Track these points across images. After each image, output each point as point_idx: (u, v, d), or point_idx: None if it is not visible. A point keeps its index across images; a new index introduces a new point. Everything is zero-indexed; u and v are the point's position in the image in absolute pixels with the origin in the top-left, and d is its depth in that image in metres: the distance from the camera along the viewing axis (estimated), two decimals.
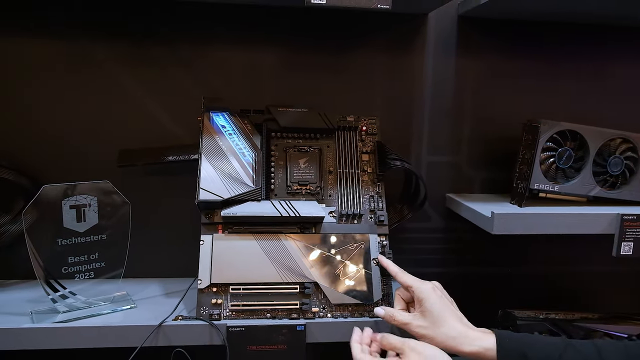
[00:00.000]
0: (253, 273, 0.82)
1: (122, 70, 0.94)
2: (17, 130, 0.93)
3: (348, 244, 0.86)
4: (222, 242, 0.83)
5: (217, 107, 0.90)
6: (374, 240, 0.87)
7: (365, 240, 0.86)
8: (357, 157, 0.93)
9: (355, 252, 0.85)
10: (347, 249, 0.85)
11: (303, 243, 0.85)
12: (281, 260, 0.83)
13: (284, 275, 0.83)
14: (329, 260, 0.84)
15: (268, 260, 0.83)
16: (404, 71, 1.00)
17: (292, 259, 0.84)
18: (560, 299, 1.11)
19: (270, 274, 0.82)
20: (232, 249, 0.83)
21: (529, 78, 1.03)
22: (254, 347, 0.79)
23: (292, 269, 0.83)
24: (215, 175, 0.84)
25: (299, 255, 0.84)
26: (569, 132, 0.91)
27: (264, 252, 0.83)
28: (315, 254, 0.84)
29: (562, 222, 0.86)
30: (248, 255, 0.83)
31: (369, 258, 0.85)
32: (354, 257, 0.85)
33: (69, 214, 0.81)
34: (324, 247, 0.85)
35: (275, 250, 0.84)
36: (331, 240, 0.86)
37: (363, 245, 0.86)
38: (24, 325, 0.77)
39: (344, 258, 0.85)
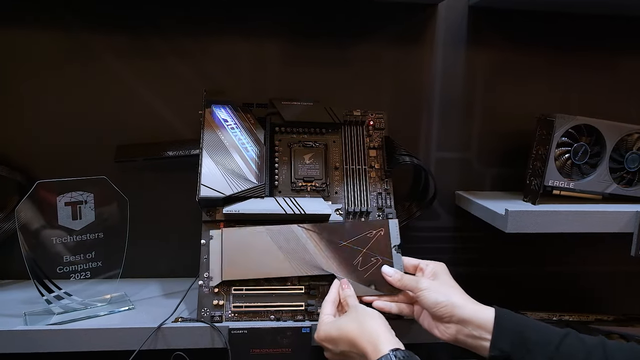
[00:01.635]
0: (266, 267, 0.78)
1: (121, 62, 0.91)
2: (10, 124, 0.90)
3: (366, 231, 0.81)
4: (232, 236, 0.79)
5: (219, 101, 0.86)
6: (394, 226, 0.81)
7: (385, 226, 0.81)
8: (364, 152, 0.89)
9: (374, 240, 0.80)
10: (366, 237, 0.80)
11: (316, 233, 0.80)
12: (295, 253, 0.78)
13: (299, 268, 0.78)
14: (346, 250, 0.79)
15: (281, 254, 0.78)
16: (413, 64, 0.97)
17: (306, 250, 0.78)
18: (574, 300, 1.07)
19: (284, 268, 0.78)
20: (242, 243, 0.78)
21: (542, 71, 1.00)
22: (257, 350, 0.75)
23: (306, 261, 0.78)
24: (216, 171, 0.80)
25: (312, 246, 0.79)
26: (585, 127, 0.88)
27: (277, 246, 0.79)
28: (330, 244, 0.79)
29: (579, 220, 0.82)
30: (260, 248, 0.78)
31: (389, 245, 0.80)
32: (372, 246, 0.80)
33: (64, 211, 0.78)
34: (338, 236, 0.80)
35: (287, 242, 0.79)
36: (347, 229, 0.81)
37: (382, 232, 0.81)
38: (17, 328, 0.73)
39: (362, 247, 0.80)
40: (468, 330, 0.68)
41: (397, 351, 0.62)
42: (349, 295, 0.75)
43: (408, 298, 0.76)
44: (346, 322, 0.69)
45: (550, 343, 0.65)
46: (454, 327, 0.69)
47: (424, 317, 0.74)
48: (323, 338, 0.70)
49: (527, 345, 0.65)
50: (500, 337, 0.66)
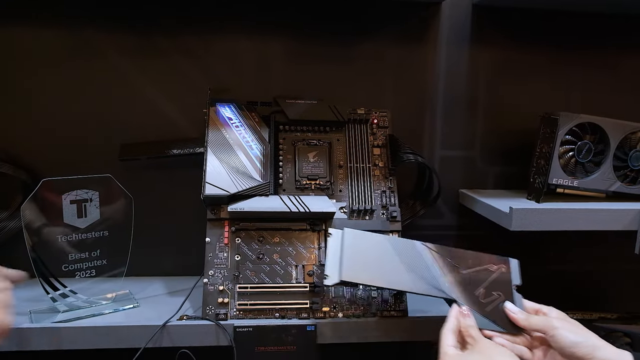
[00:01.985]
0: (387, 277, 0.73)
1: (125, 60, 0.91)
2: (15, 122, 0.90)
3: (487, 264, 0.77)
4: (354, 238, 0.75)
5: (224, 99, 0.86)
6: (515, 265, 0.78)
7: (506, 263, 0.77)
8: (368, 150, 0.89)
9: (495, 275, 0.76)
10: (487, 270, 0.76)
11: (439, 255, 0.76)
12: (417, 269, 0.74)
13: (419, 285, 0.73)
14: (468, 279, 0.75)
15: (403, 266, 0.74)
16: (416, 62, 0.97)
17: (428, 269, 0.74)
18: (578, 298, 1.07)
19: (404, 281, 0.73)
20: (364, 246, 0.74)
21: (545, 69, 1.00)
22: (262, 347, 0.76)
23: (427, 280, 0.73)
24: (221, 169, 0.81)
25: (435, 267, 0.75)
26: (589, 125, 0.88)
27: (398, 257, 0.74)
28: (452, 269, 0.75)
29: (583, 218, 0.82)
30: (381, 256, 0.74)
31: (511, 283, 0.76)
32: (494, 280, 0.76)
33: (69, 209, 0.78)
34: (461, 262, 0.76)
35: (409, 257, 0.75)
36: (469, 257, 0.77)
37: (504, 268, 0.77)
38: (22, 325, 0.74)
39: (484, 279, 0.76)
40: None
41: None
42: (471, 326, 0.69)
43: (528, 342, 0.71)
44: (476, 357, 0.64)
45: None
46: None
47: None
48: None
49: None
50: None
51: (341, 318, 0.79)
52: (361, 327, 0.78)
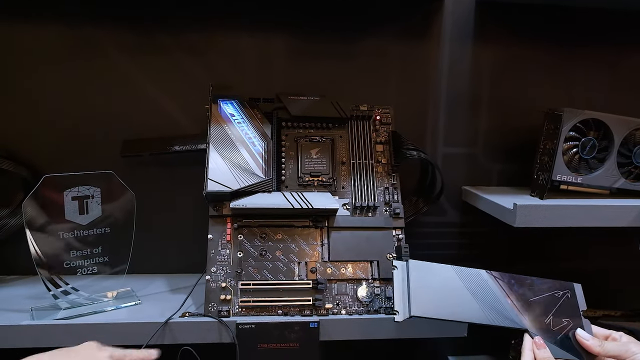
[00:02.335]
0: (456, 310, 0.72)
1: (127, 57, 0.90)
2: (17, 118, 0.90)
3: (553, 290, 0.76)
4: (420, 271, 0.74)
5: (226, 95, 0.86)
6: (580, 290, 0.77)
7: (571, 289, 0.77)
8: (371, 147, 0.89)
9: (562, 301, 0.76)
10: (554, 297, 0.76)
11: (505, 283, 0.75)
12: (486, 300, 0.73)
13: (491, 317, 0.72)
14: (536, 307, 0.74)
15: (471, 297, 0.73)
16: (419, 58, 0.97)
17: (497, 299, 0.73)
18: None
19: (474, 313, 0.72)
20: (430, 278, 0.73)
21: (548, 66, 0.99)
22: (265, 344, 0.75)
23: (498, 310, 0.73)
24: (223, 166, 0.80)
25: (502, 296, 0.74)
26: (593, 121, 0.88)
27: (466, 287, 0.74)
28: (520, 298, 0.74)
29: (587, 215, 0.82)
30: (449, 288, 0.73)
31: (578, 309, 0.76)
32: (561, 307, 0.75)
33: (71, 205, 0.77)
34: (527, 290, 0.76)
35: (477, 287, 0.74)
36: (535, 285, 0.76)
37: (569, 295, 0.76)
38: (23, 322, 0.73)
39: (550, 306, 0.75)
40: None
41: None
42: (548, 357, 0.69)
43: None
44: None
45: None
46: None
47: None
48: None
49: None
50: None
51: (344, 315, 0.79)
52: (364, 324, 0.78)
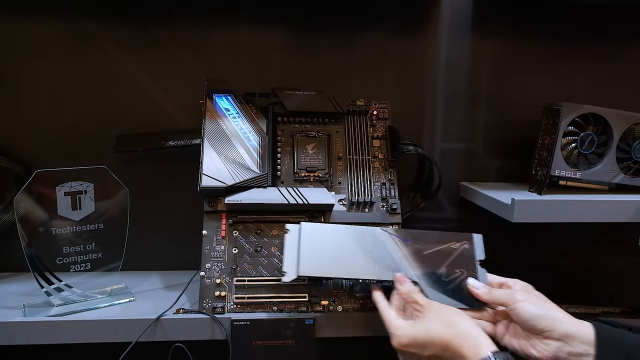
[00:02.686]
0: (345, 267, 0.72)
1: (121, 51, 0.89)
2: (9, 114, 0.89)
3: (449, 242, 0.76)
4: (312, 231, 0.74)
5: (221, 90, 0.85)
6: (479, 240, 0.77)
7: (469, 239, 0.77)
8: (368, 142, 0.88)
9: (458, 253, 0.76)
10: (450, 248, 0.76)
11: (400, 239, 0.75)
12: (377, 256, 0.73)
13: (382, 272, 0.72)
14: (429, 259, 0.74)
15: (362, 254, 0.73)
16: (417, 53, 0.96)
17: (389, 254, 0.73)
18: (580, 291, 1.05)
19: (365, 270, 0.72)
20: (322, 239, 0.73)
21: (547, 60, 0.99)
22: (259, 341, 0.74)
23: (390, 266, 0.73)
24: (218, 161, 0.79)
25: (396, 251, 0.74)
26: (592, 116, 0.87)
27: (358, 245, 0.73)
28: (414, 252, 0.74)
29: (586, 210, 0.81)
30: (340, 247, 0.73)
31: (474, 259, 0.76)
32: (456, 258, 0.75)
33: (63, 201, 0.76)
34: (423, 243, 0.75)
35: (369, 244, 0.74)
36: (431, 237, 0.76)
37: (467, 245, 0.76)
38: (15, 319, 0.72)
39: (445, 258, 0.75)
40: (571, 346, 0.62)
41: (497, 353, 0.59)
42: (412, 291, 0.69)
43: (491, 316, 0.71)
44: (433, 324, 0.64)
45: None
46: (555, 344, 0.63)
47: (511, 337, 0.67)
48: (407, 344, 0.64)
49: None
50: (605, 353, 0.61)
51: (340, 312, 0.78)
52: (361, 320, 0.77)
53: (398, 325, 0.66)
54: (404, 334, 0.64)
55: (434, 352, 0.63)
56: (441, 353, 0.62)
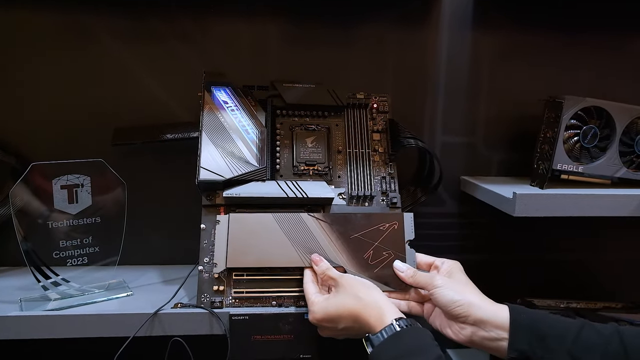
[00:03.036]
0: (272, 256, 0.75)
1: (118, 43, 0.88)
2: (5, 107, 0.88)
3: (378, 224, 0.78)
4: (239, 222, 0.75)
5: (219, 82, 0.84)
6: (409, 220, 0.78)
7: (399, 220, 0.78)
8: (368, 136, 0.87)
9: (387, 234, 0.77)
10: (378, 230, 0.77)
11: (327, 223, 0.77)
12: (303, 242, 0.75)
13: (307, 259, 0.75)
14: (357, 243, 0.76)
15: (289, 242, 0.75)
16: (417, 46, 0.95)
17: (315, 240, 0.76)
18: (582, 287, 1.05)
19: (291, 257, 0.75)
20: (249, 229, 0.75)
21: (549, 53, 0.98)
22: (258, 336, 0.73)
23: (314, 251, 0.75)
24: (216, 154, 0.78)
25: (322, 236, 0.76)
26: (595, 109, 0.86)
27: (284, 233, 0.75)
28: (341, 236, 0.76)
29: (589, 204, 0.80)
30: (267, 236, 0.75)
31: (403, 240, 0.77)
32: (385, 239, 0.77)
33: (60, 194, 0.75)
34: (350, 227, 0.77)
35: (295, 231, 0.76)
36: (359, 220, 0.77)
37: (396, 226, 0.77)
38: (12, 313, 0.71)
39: (373, 240, 0.76)
40: (485, 331, 0.64)
41: (400, 320, 0.62)
42: (327, 268, 0.73)
43: (419, 296, 0.74)
44: (343, 297, 0.68)
45: (567, 338, 0.62)
46: (470, 329, 0.65)
47: (436, 316, 0.71)
48: (321, 318, 0.68)
49: (545, 342, 0.62)
50: (518, 338, 0.63)
51: None
52: None
53: (314, 301, 0.70)
54: (318, 309, 0.68)
55: (346, 324, 0.66)
56: (352, 324, 0.66)
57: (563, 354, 0.62)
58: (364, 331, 0.65)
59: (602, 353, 0.61)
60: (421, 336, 0.62)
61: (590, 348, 0.62)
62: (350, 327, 0.66)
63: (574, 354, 0.61)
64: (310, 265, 0.75)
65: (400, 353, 0.60)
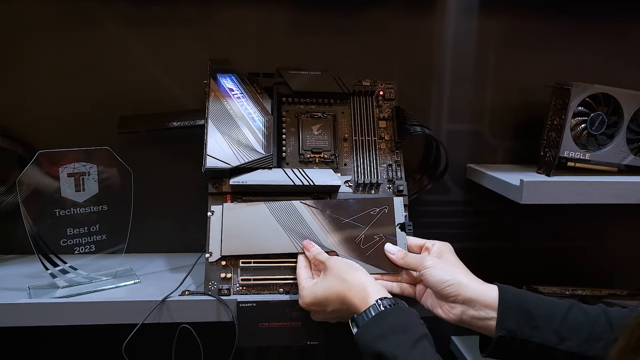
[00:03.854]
0: (266, 244, 0.76)
1: (123, 30, 0.88)
2: (10, 94, 0.88)
3: (369, 208, 0.79)
4: (233, 212, 0.77)
5: (225, 69, 0.83)
6: (399, 203, 0.79)
7: (390, 204, 0.79)
8: (374, 123, 0.87)
9: (378, 218, 0.78)
10: (369, 214, 0.78)
11: (319, 210, 0.78)
12: (295, 229, 0.77)
13: (299, 246, 0.76)
14: (348, 227, 0.77)
15: (282, 229, 0.77)
16: (423, 33, 0.94)
17: (307, 227, 0.77)
18: (587, 274, 1.05)
19: (284, 244, 0.76)
20: (243, 218, 0.77)
21: (555, 40, 0.97)
22: (266, 323, 0.74)
23: (307, 238, 0.76)
24: (223, 142, 0.78)
25: (314, 223, 0.77)
26: (603, 96, 0.85)
27: (277, 221, 0.77)
28: (332, 221, 0.77)
29: (596, 191, 0.80)
30: (261, 225, 0.76)
31: (394, 223, 0.78)
32: (376, 223, 0.78)
33: (66, 182, 0.75)
34: (342, 212, 0.78)
35: (288, 218, 0.77)
36: (350, 206, 0.79)
37: (387, 209, 0.79)
38: (21, 301, 0.72)
39: (365, 224, 0.78)
40: (474, 310, 0.65)
41: (384, 299, 0.63)
42: (318, 253, 0.74)
43: (411, 278, 0.74)
44: (329, 280, 0.69)
45: (554, 318, 0.63)
46: (460, 308, 0.66)
47: (427, 297, 0.71)
48: (310, 302, 0.69)
49: (533, 321, 0.63)
50: (506, 316, 0.64)
51: None
52: None
53: (304, 286, 0.71)
54: (307, 293, 0.69)
55: (334, 307, 0.68)
56: (339, 306, 0.67)
57: (550, 333, 0.63)
58: (351, 312, 0.66)
59: (589, 332, 0.62)
60: (406, 314, 0.62)
61: (578, 328, 0.63)
62: (339, 309, 0.67)
63: (561, 334, 0.63)
64: (303, 251, 0.76)
65: (384, 332, 0.60)
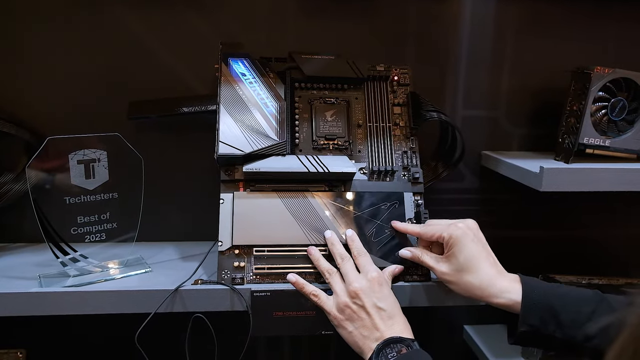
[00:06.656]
0: (277, 234, 0.75)
1: (133, 15, 0.86)
2: (18, 80, 0.86)
3: (380, 203, 0.78)
4: (244, 200, 0.76)
5: (237, 54, 0.81)
6: (409, 199, 0.79)
7: (400, 199, 0.79)
8: (389, 109, 0.85)
9: (388, 212, 0.78)
10: (380, 209, 0.78)
11: (331, 202, 0.77)
12: (308, 221, 0.76)
13: (311, 237, 0.76)
14: (360, 221, 0.77)
15: (294, 221, 0.76)
16: (439, 17, 0.92)
17: (319, 219, 0.76)
18: (605, 263, 1.03)
19: (296, 236, 0.76)
20: (254, 208, 0.76)
21: (573, 24, 0.94)
22: (280, 312, 0.73)
23: (319, 230, 0.76)
24: (235, 128, 0.76)
25: (327, 215, 0.77)
26: (624, 80, 0.83)
27: (289, 212, 0.76)
28: (344, 214, 0.77)
29: (617, 178, 0.78)
30: (272, 214, 0.76)
31: (404, 218, 0.78)
32: (386, 218, 0.78)
33: (76, 169, 0.74)
34: (354, 206, 0.78)
35: (301, 210, 0.77)
36: (362, 200, 0.78)
37: (397, 205, 0.79)
38: (32, 290, 0.71)
39: (376, 218, 0.78)
40: (497, 300, 0.66)
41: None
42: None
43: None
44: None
45: (580, 315, 0.62)
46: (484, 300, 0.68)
47: None
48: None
49: (558, 318, 0.62)
50: (529, 313, 0.63)
51: None
52: None
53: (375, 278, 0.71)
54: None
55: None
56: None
57: (575, 330, 0.61)
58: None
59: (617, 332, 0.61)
60: None
61: (605, 328, 0.60)
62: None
63: (588, 333, 0.61)
64: (324, 243, 0.76)
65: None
